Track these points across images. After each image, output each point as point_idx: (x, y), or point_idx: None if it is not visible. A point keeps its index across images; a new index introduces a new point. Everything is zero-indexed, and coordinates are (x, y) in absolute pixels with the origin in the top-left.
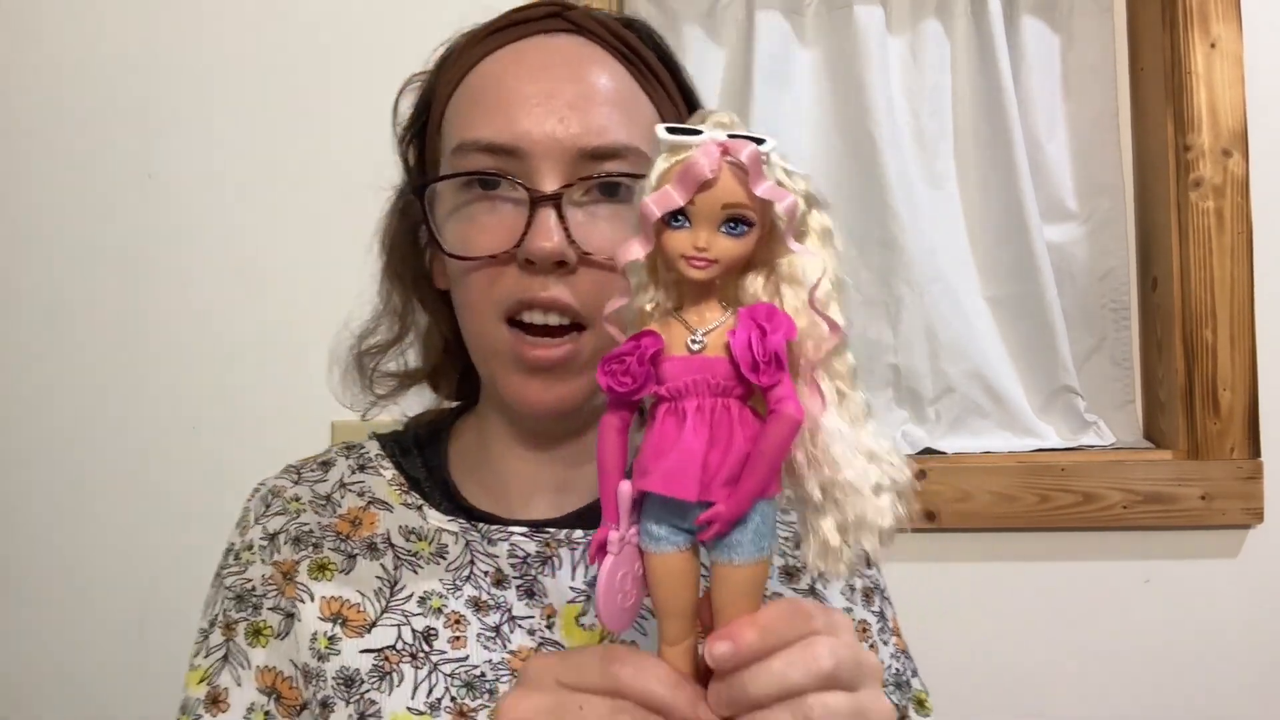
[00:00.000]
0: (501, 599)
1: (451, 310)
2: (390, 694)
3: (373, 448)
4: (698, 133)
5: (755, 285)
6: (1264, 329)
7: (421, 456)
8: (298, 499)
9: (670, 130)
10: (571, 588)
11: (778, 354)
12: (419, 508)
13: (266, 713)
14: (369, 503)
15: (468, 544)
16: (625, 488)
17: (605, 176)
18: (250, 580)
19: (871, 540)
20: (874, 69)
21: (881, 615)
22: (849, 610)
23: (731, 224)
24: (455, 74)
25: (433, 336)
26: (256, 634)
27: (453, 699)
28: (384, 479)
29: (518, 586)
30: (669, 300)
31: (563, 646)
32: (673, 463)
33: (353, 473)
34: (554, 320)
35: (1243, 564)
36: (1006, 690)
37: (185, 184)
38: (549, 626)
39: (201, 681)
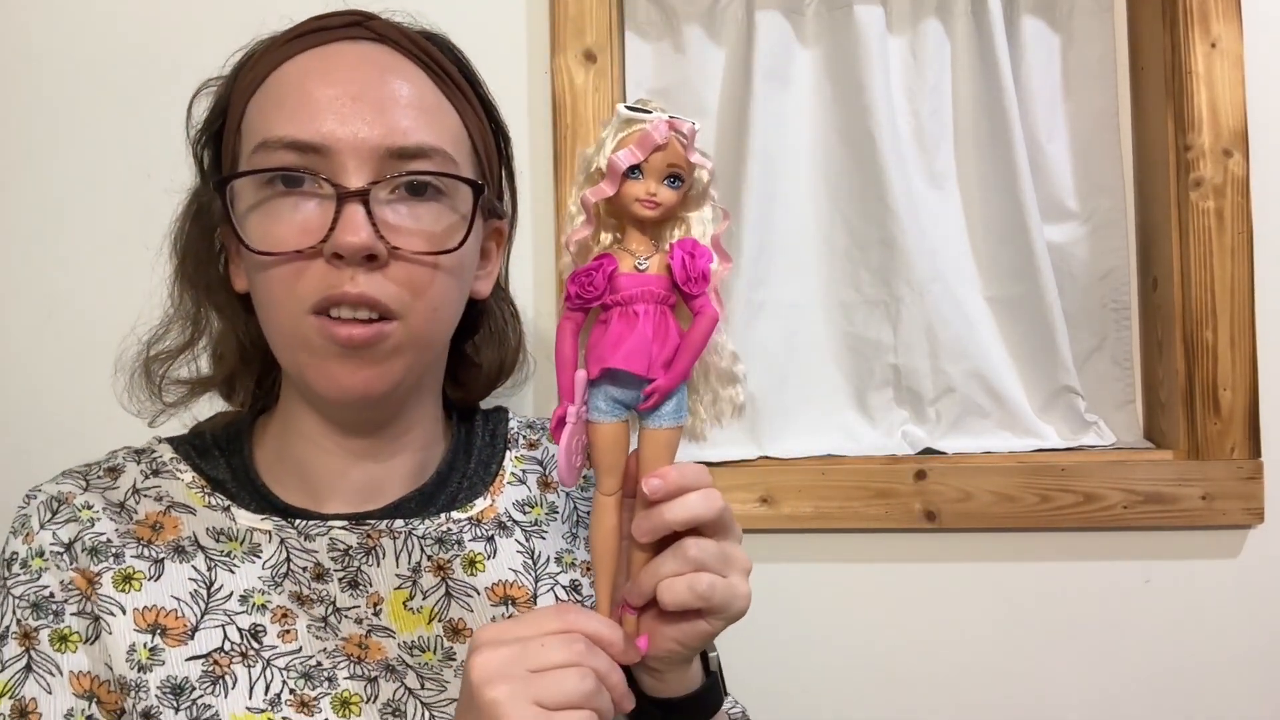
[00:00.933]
0: (323, 592)
1: (250, 313)
2: (226, 697)
3: (165, 451)
4: (648, 112)
5: (672, 232)
6: (1264, 329)
7: (224, 458)
8: (89, 506)
9: (628, 108)
10: (397, 574)
11: (704, 272)
12: (226, 508)
13: (89, 717)
14: (168, 507)
15: (282, 541)
16: (581, 375)
17: (416, 174)
18: (46, 587)
19: (728, 412)
20: (874, 69)
21: None
22: (571, 553)
23: (671, 179)
24: (256, 76)
25: (228, 341)
26: (63, 640)
27: (291, 691)
28: (182, 482)
29: (339, 579)
30: (608, 237)
31: (392, 631)
32: (631, 346)
33: (145, 478)
34: (362, 315)
35: (1243, 564)
36: (1006, 690)
37: None
38: (376, 614)
39: (2, 696)
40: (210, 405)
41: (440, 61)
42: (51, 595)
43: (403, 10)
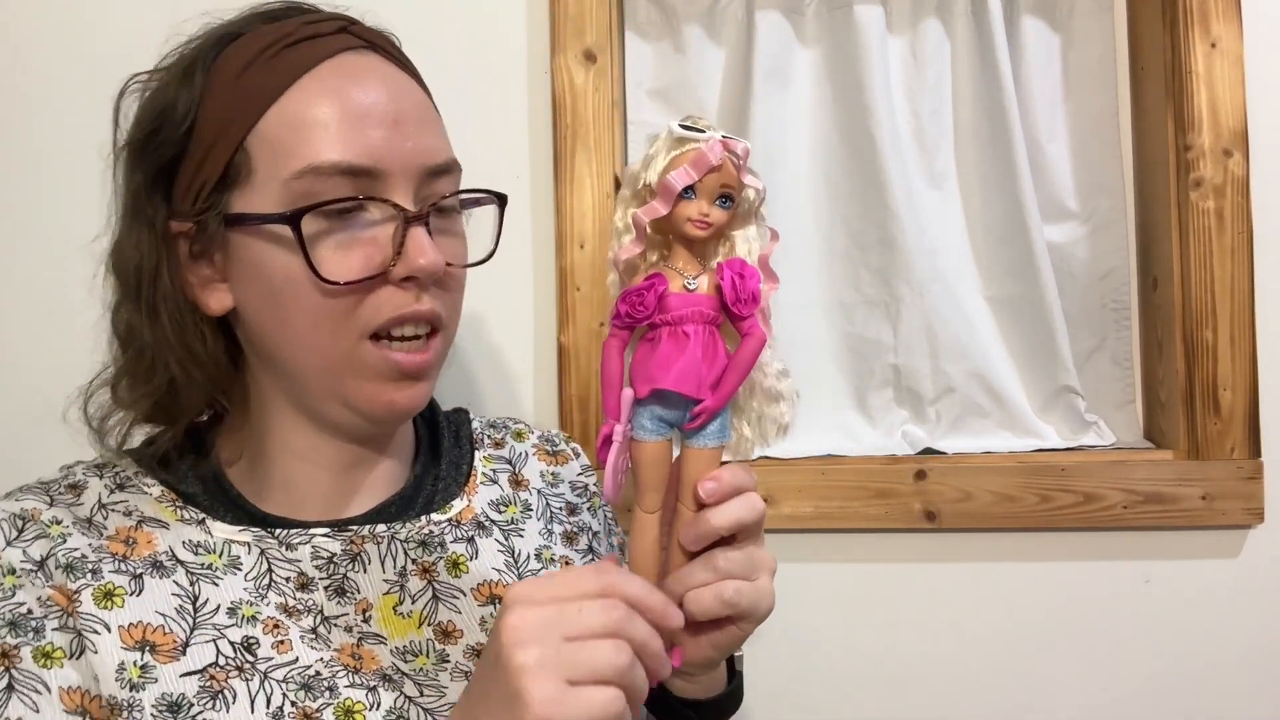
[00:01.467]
0: (310, 602)
1: (220, 334)
2: (227, 711)
3: (127, 465)
4: (701, 130)
5: (716, 250)
6: (1264, 329)
7: (191, 471)
8: (58, 521)
9: (682, 126)
10: (385, 579)
11: (754, 293)
12: (200, 522)
13: None
14: (139, 522)
15: (263, 552)
16: (628, 393)
17: (469, 191)
18: (23, 604)
19: (773, 431)
20: (874, 69)
21: (590, 551)
22: (549, 548)
23: (722, 199)
24: (256, 89)
25: (200, 365)
26: (48, 657)
27: (293, 704)
28: (150, 496)
29: (325, 587)
30: (654, 255)
31: (384, 638)
32: (683, 367)
33: (111, 492)
34: (422, 330)
35: (1243, 564)
36: (1006, 689)
37: None
38: (366, 620)
39: None
40: None
41: (412, 65)
42: (29, 612)
43: (343, 4)
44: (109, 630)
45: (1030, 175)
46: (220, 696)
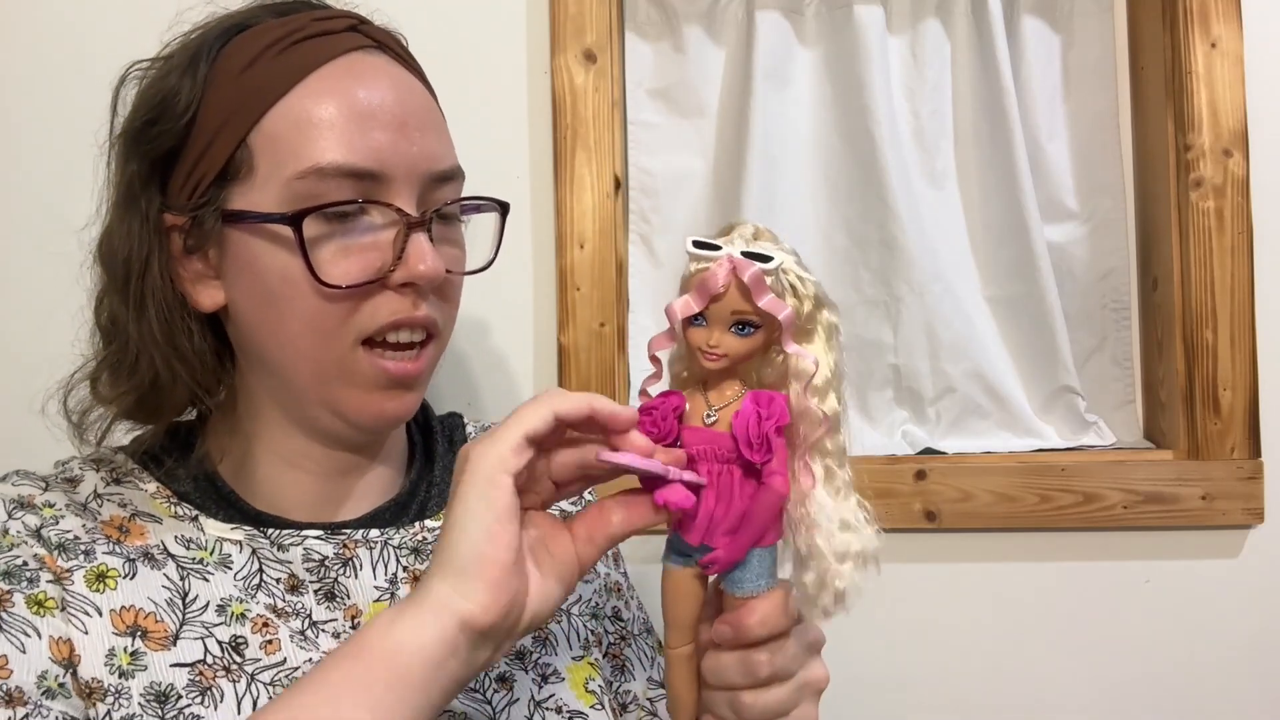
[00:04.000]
0: (299, 605)
1: (210, 331)
2: (215, 710)
3: (123, 460)
4: (717, 248)
5: (776, 364)
6: (1264, 329)
7: (182, 468)
8: (51, 505)
9: (695, 243)
10: (376, 586)
11: (768, 437)
12: (194, 518)
13: (61, 684)
14: (132, 515)
15: (254, 551)
16: None
17: (472, 199)
18: (19, 557)
19: (828, 598)
20: (874, 69)
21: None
22: (608, 573)
23: (739, 326)
24: (260, 86)
25: (187, 363)
26: (40, 605)
27: None
28: (146, 492)
29: (315, 591)
30: (701, 372)
31: None
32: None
33: (107, 484)
34: (418, 336)
35: (1243, 564)
36: (1006, 690)
37: None
38: (354, 627)
39: None
40: None
41: (420, 67)
42: (25, 564)
43: (347, 2)
44: (100, 614)
45: (1030, 175)
46: (209, 693)
